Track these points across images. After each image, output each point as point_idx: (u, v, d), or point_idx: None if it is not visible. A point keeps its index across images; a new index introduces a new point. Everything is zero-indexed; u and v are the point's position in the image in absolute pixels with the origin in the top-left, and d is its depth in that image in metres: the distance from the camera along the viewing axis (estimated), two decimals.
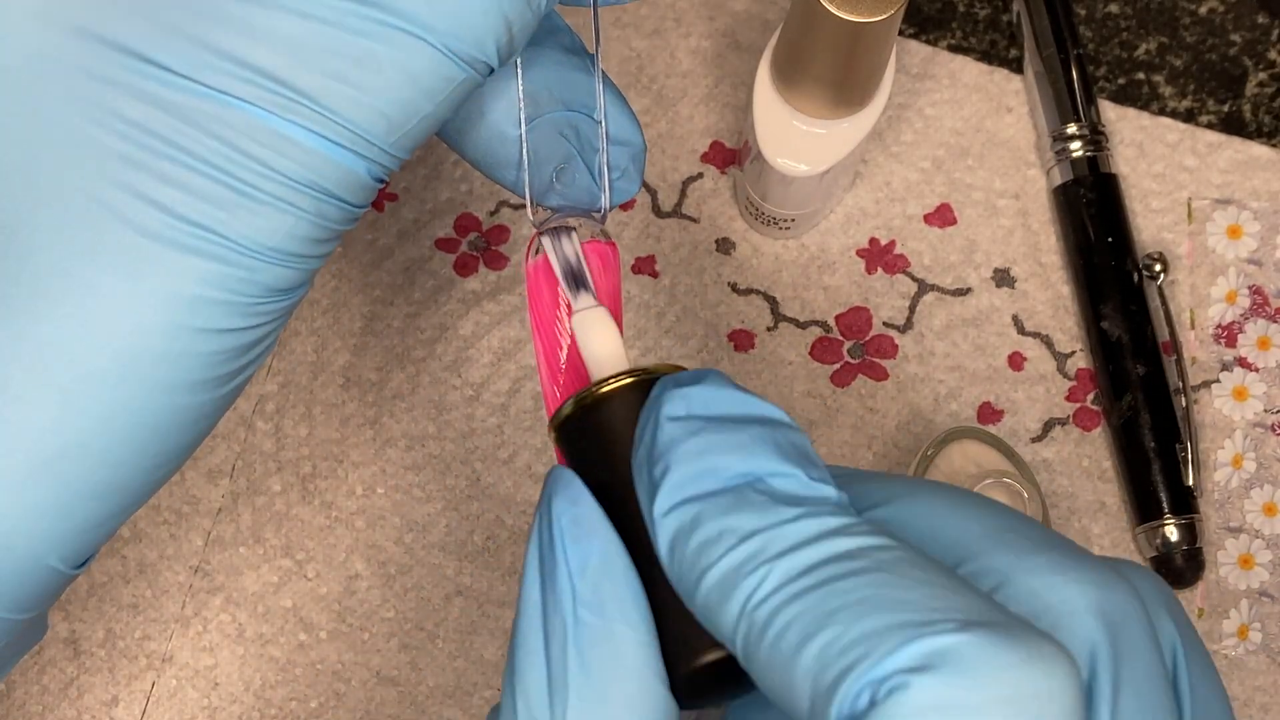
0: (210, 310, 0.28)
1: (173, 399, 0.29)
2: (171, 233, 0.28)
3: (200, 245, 0.28)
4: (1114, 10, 0.51)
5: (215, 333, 0.29)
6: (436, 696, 0.46)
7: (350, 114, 0.28)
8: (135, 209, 0.28)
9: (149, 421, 0.29)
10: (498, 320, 0.49)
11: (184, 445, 0.30)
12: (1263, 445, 0.47)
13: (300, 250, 0.29)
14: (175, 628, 0.46)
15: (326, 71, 0.27)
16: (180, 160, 0.28)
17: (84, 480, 0.29)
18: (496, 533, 0.47)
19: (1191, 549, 0.45)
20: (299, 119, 0.28)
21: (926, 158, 0.50)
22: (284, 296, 0.30)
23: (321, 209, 0.29)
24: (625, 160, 0.33)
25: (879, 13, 0.38)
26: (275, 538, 0.47)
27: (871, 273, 0.49)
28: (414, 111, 0.28)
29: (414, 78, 0.28)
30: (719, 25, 0.51)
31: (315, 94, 0.27)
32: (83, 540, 0.30)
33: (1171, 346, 0.47)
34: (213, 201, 0.28)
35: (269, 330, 0.30)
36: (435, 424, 0.48)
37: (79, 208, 0.28)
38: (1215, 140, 0.50)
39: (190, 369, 0.29)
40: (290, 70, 0.27)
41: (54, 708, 0.46)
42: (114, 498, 0.30)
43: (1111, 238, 0.48)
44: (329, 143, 0.28)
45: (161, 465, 0.30)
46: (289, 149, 0.28)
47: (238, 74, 0.27)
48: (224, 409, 0.31)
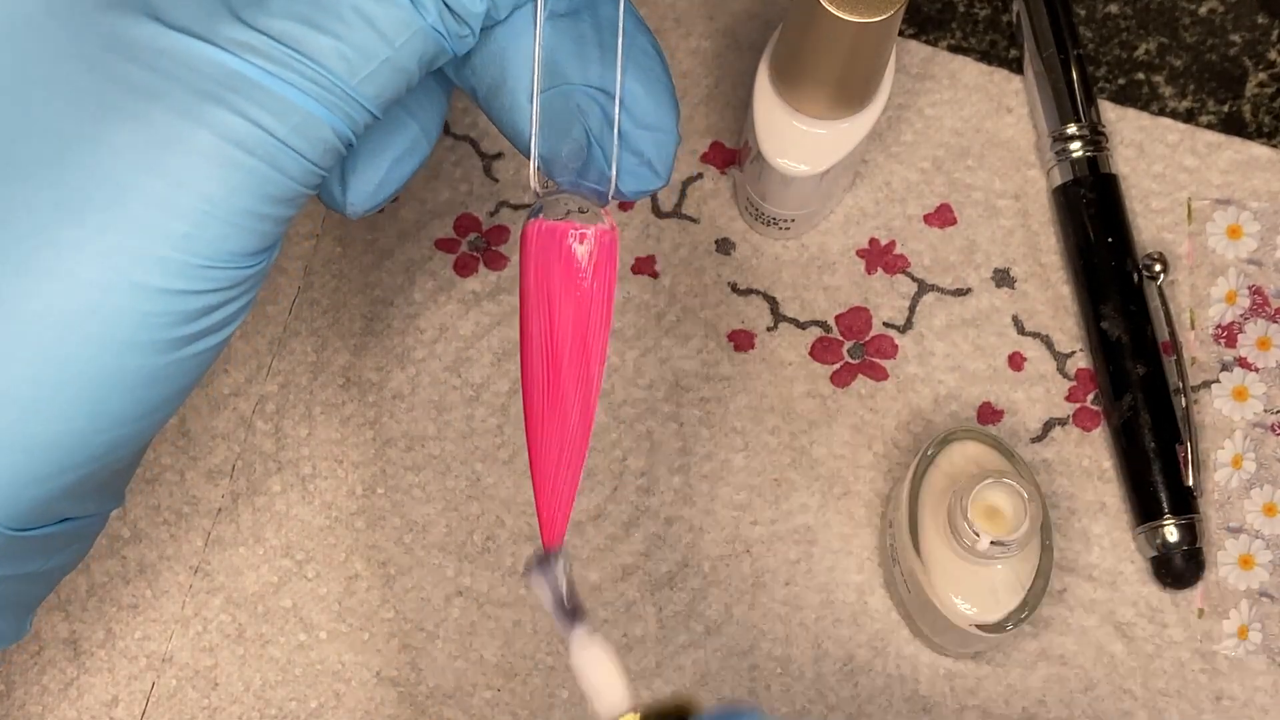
0: (155, 267, 0.27)
1: (113, 356, 0.28)
2: (124, 176, 0.27)
3: (152, 193, 0.27)
4: (1114, 10, 0.51)
5: (159, 292, 0.28)
6: (436, 696, 0.46)
7: (311, 53, 0.27)
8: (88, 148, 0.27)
9: (85, 376, 0.28)
10: (498, 320, 0.49)
11: (133, 410, 0.29)
12: (1263, 445, 0.47)
13: (254, 207, 0.28)
14: (175, 628, 0.46)
15: (285, 13, 0.27)
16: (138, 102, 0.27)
17: (7, 428, 0.28)
18: (496, 533, 0.47)
19: (1191, 549, 0.45)
20: (260, 59, 0.27)
21: (926, 158, 0.50)
22: (237, 263, 0.29)
23: (277, 158, 0.28)
24: (648, 146, 0.32)
25: (879, 13, 0.38)
26: (275, 538, 0.47)
27: (871, 273, 0.49)
28: (373, 54, 0.28)
29: (371, 20, 0.28)
30: (719, 25, 0.51)
31: (277, 33, 0.27)
32: (14, 494, 0.28)
33: (1171, 346, 0.47)
34: (168, 145, 0.27)
35: (223, 300, 0.29)
36: (435, 424, 0.48)
37: (33, 143, 0.27)
38: (1215, 140, 0.50)
39: (132, 327, 0.28)
40: (249, 11, 0.27)
41: (54, 708, 0.46)
42: (46, 452, 0.28)
43: (1111, 238, 0.48)
44: (289, 85, 0.27)
45: (107, 427, 0.29)
46: (248, 89, 0.27)
47: (202, 14, 0.27)
48: (184, 379, 0.29)
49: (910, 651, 0.46)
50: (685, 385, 0.48)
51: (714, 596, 0.46)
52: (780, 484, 0.47)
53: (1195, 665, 0.46)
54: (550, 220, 0.31)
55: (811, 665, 0.46)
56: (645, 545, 0.47)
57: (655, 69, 0.32)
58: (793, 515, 0.47)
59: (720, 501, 0.47)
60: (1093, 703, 0.45)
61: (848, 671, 0.46)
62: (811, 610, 0.46)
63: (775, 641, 0.46)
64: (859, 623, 0.46)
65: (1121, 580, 0.46)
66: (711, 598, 0.46)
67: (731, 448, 0.47)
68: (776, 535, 0.47)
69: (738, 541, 0.47)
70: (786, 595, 0.46)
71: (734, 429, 0.48)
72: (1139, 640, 0.46)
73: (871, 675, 0.46)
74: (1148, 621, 0.46)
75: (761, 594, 0.46)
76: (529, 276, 0.31)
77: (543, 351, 0.31)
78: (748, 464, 0.47)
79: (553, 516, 0.32)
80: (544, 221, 0.31)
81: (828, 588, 0.46)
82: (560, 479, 0.32)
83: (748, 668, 0.46)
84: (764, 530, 0.47)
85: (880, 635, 0.46)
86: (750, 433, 0.48)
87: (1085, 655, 0.46)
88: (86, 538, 0.34)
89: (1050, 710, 0.45)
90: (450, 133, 0.50)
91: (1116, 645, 0.46)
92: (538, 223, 0.31)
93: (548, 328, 0.31)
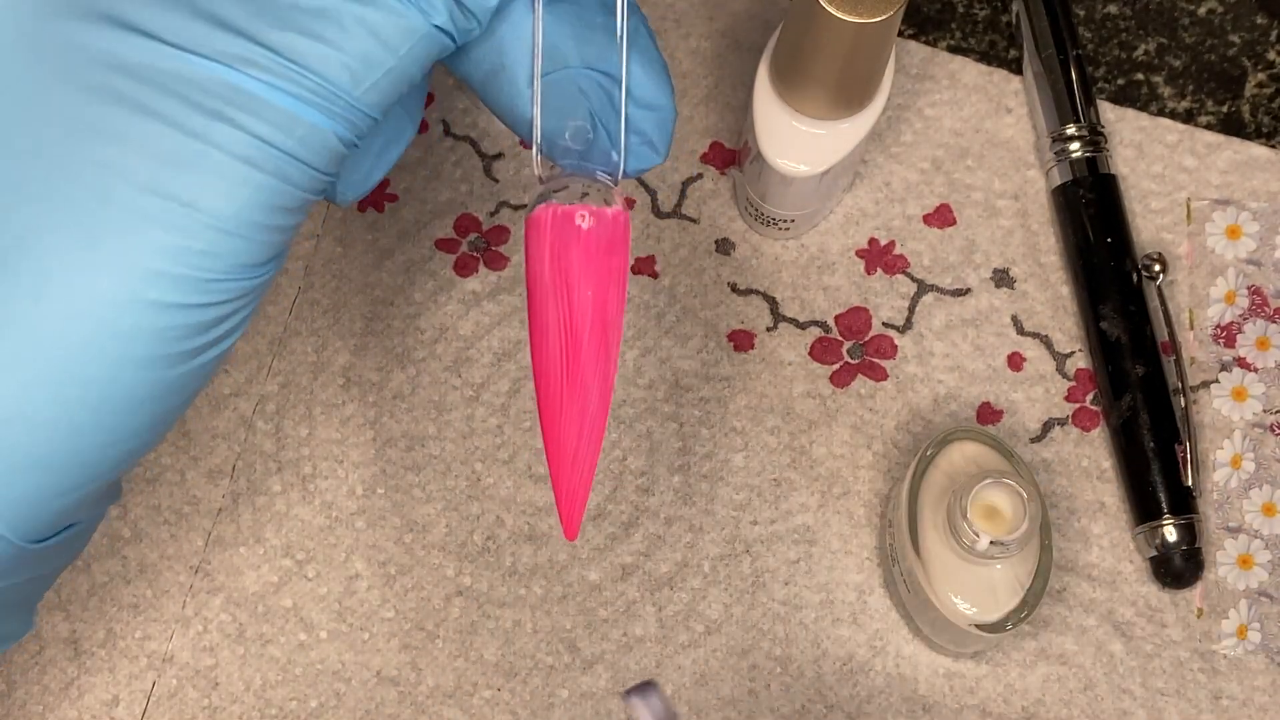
0: (168, 284, 0.27)
1: (128, 373, 0.28)
2: (133, 199, 0.27)
3: (161, 213, 0.27)
4: (1113, 11, 0.51)
5: (173, 307, 0.28)
6: (436, 696, 0.46)
7: (314, 66, 0.27)
8: (96, 173, 0.27)
9: (102, 394, 0.28)
10: (498, 320, 0.49)
11: (147, 422, 0.29)
12: (1261, 445, 0.47)
13: (262, 219, 0.28)
14: (176, 628, 0.46)
15: (287, 25, 0.27)
16: (143, 122, 0.27)
17: (27, 450, 0.28)
18: (496, 533, 0.47)
19: (1190, 549, 0.46)
20: (262, 73, 0.27)
21: (926, 158, 0.50)
22: (246, 274, 0.29)
23: (284, 170, 0.28)
24: (649, 125, 0.32)
25: (879, 13, 0.38)
26: (275, 538, 0.47)
27: (871, 273, 0.49)
28: (377, 64, 0.28)
29: (374, 29, 0.28)
30: (719, 25, 0.51)
31: (278, 46, 0.27)
32: (32, 511, 0.29)
33: (1171, 347, 0.47)
34: (175, 164, 0.27)
35: (232, 310, 0.29)
36: (435, 424, 0.48)
37: (39, 170, 0.27)
38: (1214, 141, 0.50)
39: (147, 343, 0.28)
40: (251, 24, 0.27)
41: (54, 708, 0.46)
42: (65, 470, 0.28)
43: (1111, 238, 0.48)
44: (292, 97, 0.27)
45: (122, 440, 0.29)
46: (252, 105, 0.27)
47: (202, 29, 0.27)
48: (191, 388, 0.29)
49: (910, 651, 0.46)
50: (685, 385, 0.48)
51: (714, 596, 0.46)
52: (780, 484, 0.47)
53: (1194, 665, 0.46)
54: (563, 204, 0.31)
55: (811, 665, 0.46)
56: (645, 545, 0.47)
57: (650, 49, 0.32)
58: (792, 515, 0.47)
59: (720, 501, 0.47)
60: (1092, 702, 0.45)
61: (847, 671, 0.46)
62: (811, 610, 0.46)
63: (775, 641, 0.46)
64: (859, 622, 0.46)
65: (1121, 580, 0.46)
66: (711, 598, 0.46)
67: (731, 448, 0.47)
68: (776, 535, 0.47)
69: (738, 541, 0.47)
70: (786, 595, 0.46)
71: (734, 429, 0.48)
72: (1138, 640, 0.46)
73: (871, 675, 0.46)
74: (1147, 621, 0.46)
75: (761, 594, 0.46)
76: (544, 261, 0.31)
77: (561, 336, 0.31)
78: (747, 464, 0.47)
79: (572, 502, 0.32)
80: (557, 205, 0.30)
81: (827, 588, 0.46)
82: (579, 464, 0.32)
83: (748, 668, 0.46)
84: (764, 530, 0.47)
85: (880, 635, 0.46)
86: (750, 433, 0.48)
87: (1084, 655, 0.46)
88: (87, 534, 0.35)
89: (1049, 710, 0.45)
90: (450, 133, 0.50)
91: (1115, 645, 0.46)
92: (550, 207, 0.31)
93: (566, 312, 0.31)
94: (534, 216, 0.31)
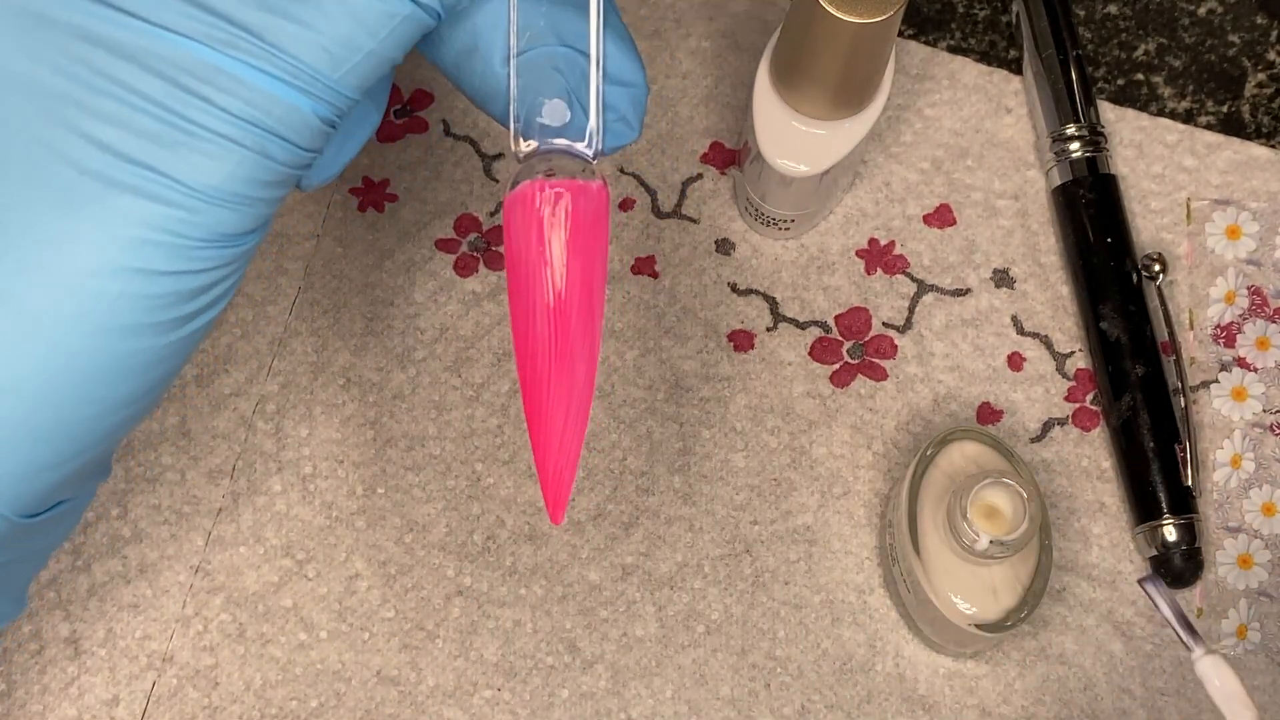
0: (151, 252, 0.28)
1: (115, 342, 0.28)
2: (111, 170, 0.27)
3: (141, 184, 0.27)
4: (1113, 11, 0.51)
5: (157, 275, 0.28)
6: (436, 696, 0.46)
7: (292, 49, 0.27)
8: (74, 146, 0.27)
9: (90, 364, 0.28)
10: (498, 320, 0.49)
11: (136, 391, 0.29)
12: (1261, 445, 0.47)
13: (244, 191, 0.28)
14: (176, 627, 0.46)
15: (267, 7, 0.27)
16: (121, 97, 0.27)
17: (19, 422, 0.28)
18: (497, 533, 0.47)
19: (1190, 549, 0.46)
20: (240, 54, 0.27)
21: (926, 158, 0.50)
22: (230, 243, 0.29)
23: (265, 147, 0.28)
24: (624, 102, 0.32)
25: (879, 13, 0.38)
26: (275, 537, 0.47)
27: (871, 273, 0.49)
28: (356, 47, 0.28)
29: (354, 11, 0.28)
30: (719, 26, 0.51)
31: (257, 29, 0.27)
32: (25, 484, 0.29)
33: (1170, 347, 0.47)
34: (154, 139, 0.27)
35: (218, 278, 0.29)
36: (435, 424, 0.48)
37: (15, 144, 0.27)
38: (1214, 141, 0.50)
39: (132, 311, 0.28)
40: (230, 5, 0.27)
41: (55, 707, 0.46)
42: (56, 442, 0.29)
43: (1110, 238, 0.48)
44: (271, 78, 0.27)
45: (112, 410, 0.29)
46: (231, 85, 0.27)
47: (180, 9, 0.27)
48: (179, 356, 0.30)
49: (910, 651, 0.46)
50: (685, 385, 0.48)
51: (714, 596, 0.46)
52: (780, 484, 0.47)
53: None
54: (549, 181, 0.31)
55: (811, 665, 0.46)
56: (645, 545, 0.47)
57: (620, 26, 0.33)
58: (792, 515, 0.47)
59: (720, 501, 0.47)
60: (1091, 702, 0.45)
61: (847, 671, 0.46)
62: (811, 610, 0.46)
63: (775, 641, 0.46)
64: (859, 622, 0.46)
65: (1120, 580, 0.46)
66: (711, 598, 0.46)
67: (731, 448, 0.48)
68: (776, 535, 0.47)
69: (738, 541, 0.47)
70: (786, 595, 0.46)
71: (734, 429, 0.48)
72: (1138, 639, 0.46)
73: (871, 675, 0.46)
74: (1146, 621, 0.46)
75: (761, 594, 0.46)
76: (529, 238, 0.31)
77: (548, 313, 0.31)
78: (748, 464, 0.47)
79: (559, 484, 0.32)
80: (541, 181, 0.31)
81: (827, 588, 0.46)
82: (565, 445, 0.32)
83: (748, 668, 0.46)
84: (764, 530, 0.47)
85: (880, 635, 0.46)
86: (750, 433, 0.48)
87: (1084, 654, 0.46)
88: (78, 511, 0.35)
89: (1049, 709, 0.45)
90: (450, 133, 0.51)
91: (1115, 644, 0.46)
92: (535, 183, 0.31)
93: (553, 289, 0.31)
94: (518, 193, 0.31)
